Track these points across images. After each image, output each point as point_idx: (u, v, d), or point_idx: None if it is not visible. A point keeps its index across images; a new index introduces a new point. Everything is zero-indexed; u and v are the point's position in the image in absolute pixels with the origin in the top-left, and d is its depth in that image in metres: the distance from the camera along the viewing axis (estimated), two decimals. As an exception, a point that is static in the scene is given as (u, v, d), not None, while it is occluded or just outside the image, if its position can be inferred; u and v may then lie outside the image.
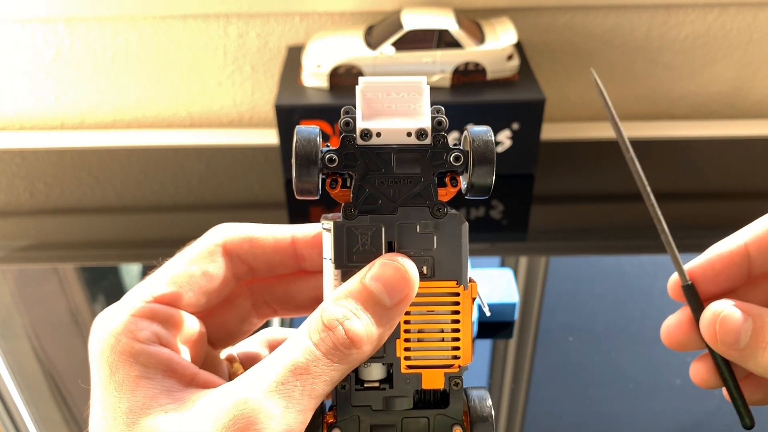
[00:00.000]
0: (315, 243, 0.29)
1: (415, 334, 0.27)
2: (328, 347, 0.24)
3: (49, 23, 0.80)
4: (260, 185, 0.76)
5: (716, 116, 0.88)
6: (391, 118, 0.26)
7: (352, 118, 0.26)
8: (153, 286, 0.27)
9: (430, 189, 0.26)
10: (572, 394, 0.51)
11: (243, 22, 0.80)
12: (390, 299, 0.25)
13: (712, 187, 0.76)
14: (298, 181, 0.26)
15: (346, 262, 0.26)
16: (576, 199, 0.75)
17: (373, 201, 0.26)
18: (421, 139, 0.26)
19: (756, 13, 0.81)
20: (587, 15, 0.80)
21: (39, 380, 0.54)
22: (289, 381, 0.24)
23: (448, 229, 0.26)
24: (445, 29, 0.69)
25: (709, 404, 0.50)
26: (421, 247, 0.26)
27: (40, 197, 0.74)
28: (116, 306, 0.27)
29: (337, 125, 0.71)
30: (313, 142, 0.25)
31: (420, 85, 0.26)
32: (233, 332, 0.31)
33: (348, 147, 0.26)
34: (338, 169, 0.26)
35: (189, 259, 0.28)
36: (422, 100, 0.26)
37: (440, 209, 0.26)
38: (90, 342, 0.26)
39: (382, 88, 0.26)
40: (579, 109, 0.87)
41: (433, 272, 0.26)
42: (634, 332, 0.56)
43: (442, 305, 0.26)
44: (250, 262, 0.29)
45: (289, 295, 0.31)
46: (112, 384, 0.25)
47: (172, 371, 0.25)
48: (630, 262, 0.63)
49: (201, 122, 0.88)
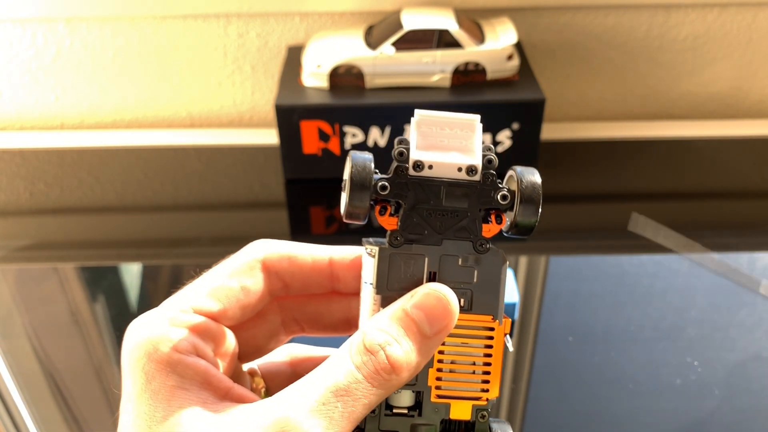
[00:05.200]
0: (352, 266, 0.30)
1: (448, 364, 0.27)
2: (370, 371, 0.25)
3: (49, 23, 0.80)
4: (260, 185, 0.76)
5: (716, 116, 0.88)
6: (443, 152, 0.27)
7: (406, 149, 0.27)
8: (192, 296, 0.27)
9: (475, 224, 0.27)
10: (572, 394, 0.51)
11: (243, 22, 0.80)
12: (430, 328, 0.26)
13: (712, 187, 0.76)
14: (349, 205, 0.26)
15: (388, 288, 0.27)
16: (576, 199, 0.75)
17: (419, 231, 0.27)
18: (471, 175, 0.27)
19: (756, 13, 0.81)
20: (587, 15, 0.80)
21: (39, 380, 0.54)
22: (330, 402, 0.24)
23: (488, 265, 0.27)
24: (445, 29, 0.69)
25: (709, 404, 0.50)
26: (461, 280, 0.27)
27: (40, 197, 0.74)
28: (153, 313, 0.27)
29: (335, 136, 0.72)
30: (368, 169, 0.26)
31: (474, 123, 0.27)
32: (260, 347, 0.31)
33: (400, 176, 0.27)
34: (388, 196, 0.27)
35: (229, 273, 0.28)
36: (474, 138, 0.27)
37: (483, 245, 0.27)
38: (124, 347, 0.26)
39: (437, 122, 0.27)
40: (579, 109, 0.87)
41: (470, 305, 0.27)
42: (634, 332, 0.56)
43: (477, 338, 0.27)
44: (286, 280, 0.30)
45: (319, 315, 0.31)
46: (147, 392, 0.25)
47: (208, 383, 0.25)
48: (630, 262, 0.63)
49: (201, 122, 0.88)
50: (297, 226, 0.72)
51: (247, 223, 0.72)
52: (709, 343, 0.55)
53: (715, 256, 0.28)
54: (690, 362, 0.53)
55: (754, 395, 0.51)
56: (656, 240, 0.27)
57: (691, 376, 0.52)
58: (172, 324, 0.26)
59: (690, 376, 0.52)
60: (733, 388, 0.52)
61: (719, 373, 0.53)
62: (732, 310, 0.58)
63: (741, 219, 0.71)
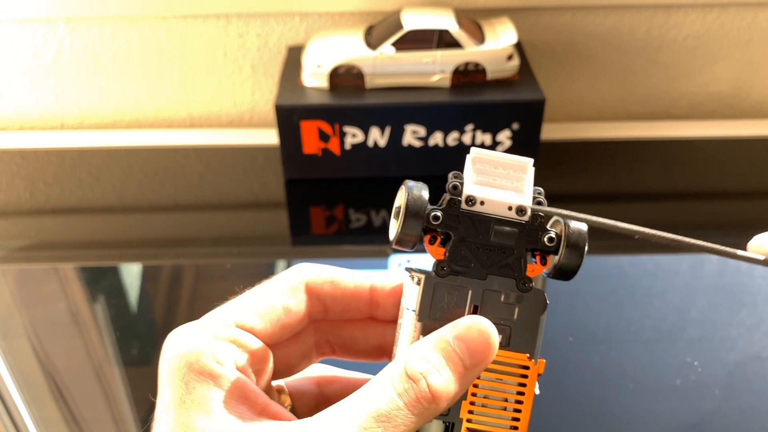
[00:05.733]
0: (392, 294, 0.30)
1: (481, 398, 0.28)
2: (411, 399, 0.25)
3: (49, 23, 0.80)
4: (260, 185, 0.76)
5: (716, 116, 0.88)
6: (495, 190, 0.28)
7: (460, 183, 0.27)
8: (235, 311, 0.28)
9: (520, 263, 0.28)
10: (572, 394, 0.51)
11: (243, 22, 0.80)
12: (471, 361, 0.26)
13: (712, 187, 0.76)
14: (402, 232, 0.27)
15: (430, 316, 0.27)
16: (576, 199, 0.75)
17: (465, 263, 0.27)
18: (520, 215, 0.27)
19: (756, 13, 0.81)
20: (587, 15, 0.80)
21: (39, 380, 0.54)
22: (371, 427, 0.24)
23: (529, 304, 0.28)
24: (445, 29, 0.69)
25: (709, 404, 0.50)
26: (502, 316, 0.28)
27: (40, 197, 0.74)
28: (196, 325, 0.27)
29: (335, 136, 0.72)
30: (423, 198, 0.27)
31: (527, 165, 0.28)
32: (292, 366, 0.31)
33: (453, 209, 0.27)
34: (439, 227, 0.27)
35: (273, 292, 0.29)
36: (526, 179, 0.28)
37: (526, 283, 0.28)
38: (164, 355, 0.26)
39: (492, 161, 0.28)
40: (579, 109, 0.87)
41: (508, 342, 0.28)
42: (634, 332, 0.56)
43: (511, 375, 0.28)
44: (327, 303, 0.30)
45: (353, 340, 0.31)
46: (186, 403, 0.25)
47: (246, 398, 0.26)
48: (630, 262, 0.63)
49: (201, 122, 0.88)
50: (297, 226, 0.72)
51: (247, 223, 0.72)
52: (709, 343, 0.55)
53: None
54: (690, 362, 0.53)
55: (754, 395, 0.51)
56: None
57: (691, 376, 0.52)
58: (215, 337, 0.26)
59: (690, 376, 0.52)
60: (733, 388, 0.52)
61: (719, 373, 0.53)
62: (732, 310, 0.58)
63: (741, 219, 0.71)
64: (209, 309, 0.28)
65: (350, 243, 0.70)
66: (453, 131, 0.70)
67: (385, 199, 0.72)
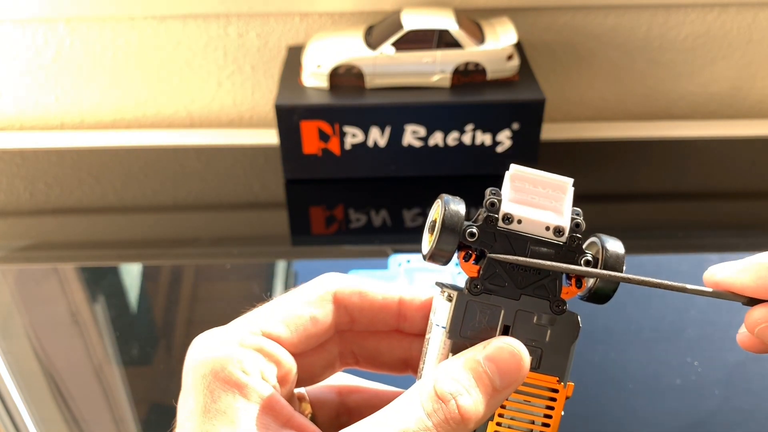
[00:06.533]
0: (421, 308, 0.30)
1: (508, 420, 0.27)
2: (440, 419, 0.24)
3: (49, 23, 0.80)
4: (260, 185, 0.76)
5: (716, 116, 0.88)
6: (533, 209, 0.27)
7: (497, 200, 0.27)
8: (262, 320, 0.27)
9: (555, 284, 0.27)
10: (572, 394, 0.51)
11: (243, 22, 0.80)
12: (501, 382, 0.26)
13: (712, 187, 0.76)
14: (436, 248, 0.26)
15: (461, 334, 0.27)
16: (575, 199, 0.75)
17: (499, 282, 0.27)
18: (558, 236, 0.27)
19: (756, 13, 0.81)
20: (587, 15, 0.80)
21: (39, 380, 0.54)
22: None
23: (562, 327, 0.27)
24: (445, 29, 0.69)
25: (709, 404, 0.50)
26: (534, 338, 0.27)
27: (40, 197, 0.74)
28: (222, 331, 0.27)
29: (335, 136, 0.72)
30: (460, 214, 0.26)
31: (566, 185, 0.28)
32: (315, 375, 0.31)
33: (489, 226, 0.27)
34: (475, 244, 0.27)
35: (300, 301, 0.29)
36: (565, 200, 0.27)
37: (560, 306, 0.27)
38: (188, 361, 0.26)
39: (531, 179, 0.27)
40: (579, 109, 0.87)
41: (538, 364, 0.27)
42: (634, 332, 0.56)
43: (539, 398, 0.27)
44: (354, 315, 0.30)
45: (378, 352, 0.31)
46: (211, 412, 0.24)
47: (271, 408, 0.25)
48: (630, 262, 0.63)
49: (201, 122, 0.88)
50: (297, 226, 0.72)
51: (247, 223, 0.72)
52: (709, 343, 0.55)
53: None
54: (690, 362, 0.53)
55: (754, 395, 0.51)
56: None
57: (691, 376, 0.52)
58: (241, 345, 0.26)
59: (690, 376, 0.52)
60: (733, 388, 0.52)
61: (719, 373, 0.53)
62: (732, 311, 0.58)
63: (741, 219, 0.71)
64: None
65: (350, 243, 0.70)
66: (453, 131, 0.70)
67: (385, 199, 0.72)
